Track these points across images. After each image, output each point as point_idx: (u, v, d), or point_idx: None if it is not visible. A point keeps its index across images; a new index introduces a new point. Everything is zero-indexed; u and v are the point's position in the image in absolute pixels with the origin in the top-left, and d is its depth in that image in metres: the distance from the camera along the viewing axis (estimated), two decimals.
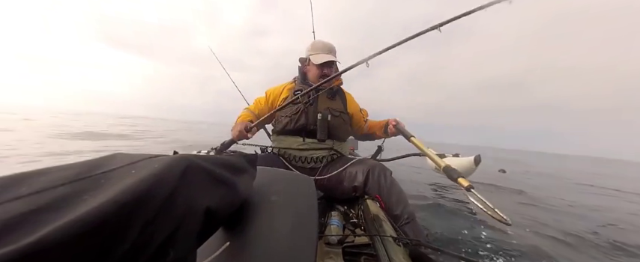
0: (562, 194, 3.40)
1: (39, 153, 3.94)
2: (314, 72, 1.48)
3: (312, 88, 1.35)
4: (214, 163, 0.38)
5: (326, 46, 1.50)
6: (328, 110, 1.42)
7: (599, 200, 3.24)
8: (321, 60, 1.44)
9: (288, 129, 1.42)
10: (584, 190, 3.92)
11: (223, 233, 0.43)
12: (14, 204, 0.20)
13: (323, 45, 1.50)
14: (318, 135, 1.39)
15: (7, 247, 0.15)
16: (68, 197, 0.22)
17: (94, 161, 0.30)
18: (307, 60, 1.50)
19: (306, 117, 1.40)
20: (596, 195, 3.54)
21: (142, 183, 0.24)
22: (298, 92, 1.45)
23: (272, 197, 0.51)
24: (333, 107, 1.46)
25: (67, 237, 0.17)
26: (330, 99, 1.48)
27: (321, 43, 1.51)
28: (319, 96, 1.45)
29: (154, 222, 0.24)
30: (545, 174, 6.97)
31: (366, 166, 1.35)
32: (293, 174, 0.64)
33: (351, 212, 1.25)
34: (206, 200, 0.32)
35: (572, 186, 4.34)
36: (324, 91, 1.46)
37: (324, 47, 1.49)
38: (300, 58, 1.56)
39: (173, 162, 0.30)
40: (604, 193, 3.81)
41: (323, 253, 0.87)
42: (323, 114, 1.39)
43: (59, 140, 5.85)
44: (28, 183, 0.23)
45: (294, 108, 1.42)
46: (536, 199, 2.80)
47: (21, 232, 0.17)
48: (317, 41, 1.53)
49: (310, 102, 1.42)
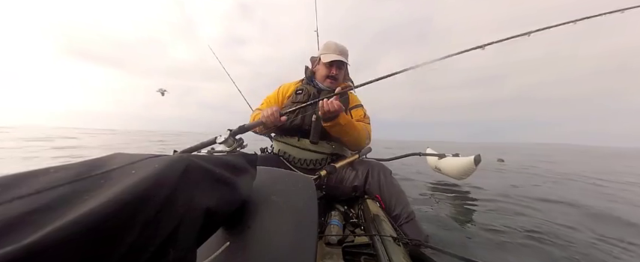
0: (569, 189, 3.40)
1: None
2: (322, 71, 1.48)
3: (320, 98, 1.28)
4: (214, 163, 0.38)
5: (338, 47, 1.50)
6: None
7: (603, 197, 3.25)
8: (329, 58, 1.44)
9: (285, 127, 1.40)
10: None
11: (223, 233, 0.43)
12: (14, 204, 0.20)
13: (335, 46, 1.50)
14: (311, 137, 1.35)
15: (8, 247, 0.15)
16: (68, 198, 0.22)
17: (94, 161, 0.30)
18: (318, 59, 1.51)
19: (302, 118, 1.39)
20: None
21: (142, 182, 0.24)
22: (300, 91, 1.45)
23: (272, 197, 0.51)
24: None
25: (68, 237, 0.17)
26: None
27: (333, 43, 1.51)
28: (320, 97, 1.44)
29: (154, 222, 0.24)
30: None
31: (365, 166, 1.35)
32: (293, 174, 0.64)
33: (351, 212, 1.25)
34: (206, 200, 0.32)
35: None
36: (327, 93, 1.45)
37: (336, 48, 1.49)
38: (311, 58, 1.57)
39: (173, 162, 0.30)
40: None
41: (323, 253, 0.87)
42: (318, 115, 1.34)
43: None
44: (28, 183, 0.23)
45: (293, 110, 1.41)
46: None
47: (21, 232, 0.17)
48: (330, 42, 1.53)
49: (310, 103, 1.41)
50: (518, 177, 4.51)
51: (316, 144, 1.37)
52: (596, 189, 3.63)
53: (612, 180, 4.58)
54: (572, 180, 4.43)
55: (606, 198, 3.03)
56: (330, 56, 1.45)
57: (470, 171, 2.68)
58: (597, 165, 7.97)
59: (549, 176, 4.87)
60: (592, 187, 3.81)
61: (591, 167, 7.34)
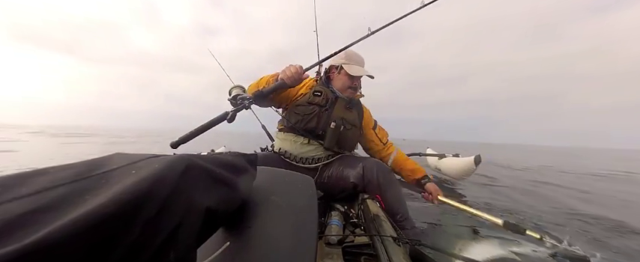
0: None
1: None
2: (344, 81, 1.43)
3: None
4: (214, 163, 0.38)
5: (361, 59, 1.47)
6: (343, 120, 1.38)
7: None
8: (358, 73, 1.40)
9: (298, 127, 1.38)
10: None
11: (223, 233, 0.43)
12: (14, 205, 0.20)
13: (359, 58, 1.46)
14: (326, 143, 1.36)
15: (8, 247, 0.15)
16: (68, 198, 0.22)
17: (94, 161, 0.30)
18: (339, 68, 1.45)
19: (317, 122, 1.37)
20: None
21: (142, 182, 0.24)
22: (319, 93, 1.41)
23: (272, 197, 0.51)
24: (348, 118, 1.42)
25: (68, 237, 0.17)
26: (347, 110, 1.44)
27: (356, 55, 1.47)
28: (337, 104, 1.42)
29: (155, 222, 0.24)
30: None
31: (365, 163, 1.35)
32: (293, 174, 0.64)
33: (351, 212, 1.25)
34: (206, 200, 0.32)
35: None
36: (344, 100, 1.44)
37: (360, 60, 1.46)
38: (330, 66, 1.50)
39: (173, 162, 0.30)
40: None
41: (323, 253, 0.87)
42: (337, 123, 1.35)
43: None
44: (28, 183, 0.23)
45: (309, 108, 1.38)
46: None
47: (21, 232, 0.17)
48: (352, 52, 1.47)
49: (327, 107, 1.39)
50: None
51: (329, 149, 1.39)
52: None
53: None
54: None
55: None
56: (358, 70, 1.41)
57: (470, 171, 2.68)
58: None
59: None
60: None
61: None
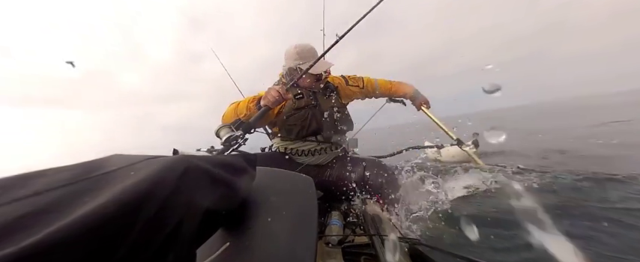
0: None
1: None
2: (310, 80, 1.40)
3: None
4: (214, 164, 0.38)
5: (312, 52, 1.39)
6: (331, 108, 1.44)
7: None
8: (319, 69, 1.34)
9: (302, 135, 1.41)
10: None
11: (223, 234, 0.43)
12: (14, 206, 0.20)
13: (310, 53, 1.38)
14: (325, 134, 1.42)
15: (8, 248, 0.15)
16: (68, 199, 0.22)
17: (93, 162, 0.30)
18: (298, 69, 1.35)
19: (317, 121, 1.41)
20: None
21: (141, 183, 0.24)
22: (300, 95, 1.40)
23: (272, 197, 0.51)
24: (334, 104, 1.46)
25: (68, 238, 0.17)
26: (328, 98, 1.47)
27: (306, 50, 1.38)
28: (318, 98, 1.45)
29: (154, 223, 0.24)
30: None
31: (366, 164, 1.36)
32: (293, 174, 0.64)
33: (351, 212, 1.25)
34: (206, 200, 0.32)
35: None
36: (321, 92, 1.46)
37: (312, 53, 1.39)
38: (289, 68, 1.40)
39: (172, 163, 0.29)
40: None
41: (323, 253, 0.87)
42: (329, 113, 1.42)
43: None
44: (27, 184, 0.23)
45: (302, 114, 1.39)
46: None
47: (21, 234, 0.17)
48: (301, 49, 1.37)
49: (315, 103, 1.42)
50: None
51: (330, 138, 1.45)
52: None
53: None
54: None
55: None
56: (318, 66, 1.31)
57: (473, 155, 2.69)
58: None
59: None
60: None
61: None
